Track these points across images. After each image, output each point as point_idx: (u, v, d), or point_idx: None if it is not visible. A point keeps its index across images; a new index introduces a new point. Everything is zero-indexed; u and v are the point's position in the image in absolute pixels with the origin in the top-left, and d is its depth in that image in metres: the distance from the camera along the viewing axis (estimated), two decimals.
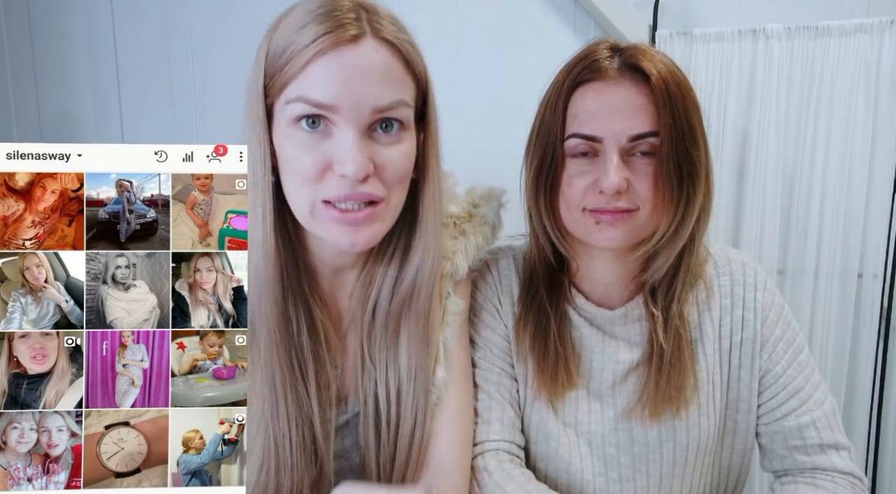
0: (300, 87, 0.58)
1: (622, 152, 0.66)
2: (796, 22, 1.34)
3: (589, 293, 0.77)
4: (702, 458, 0.75)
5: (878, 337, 1.41)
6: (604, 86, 0.67)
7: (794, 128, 1.38)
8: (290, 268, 0.66)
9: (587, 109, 0.68)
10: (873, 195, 1.37)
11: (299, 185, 0.61)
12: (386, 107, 0.59)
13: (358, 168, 0.57)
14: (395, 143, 0.61)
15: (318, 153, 0.59)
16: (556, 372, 0.74)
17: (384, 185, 0.61)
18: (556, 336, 0.74)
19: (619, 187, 0.65)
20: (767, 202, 1.39)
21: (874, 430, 1.42)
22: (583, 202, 0.68)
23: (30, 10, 1.59)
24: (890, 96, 1.33)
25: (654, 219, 0.68)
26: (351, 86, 0.57)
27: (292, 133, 0.59)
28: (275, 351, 0.65)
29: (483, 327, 0.78)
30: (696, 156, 0.67)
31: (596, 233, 0.68)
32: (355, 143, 0.58)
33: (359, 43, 0.58)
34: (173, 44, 1.58)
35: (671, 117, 0.65)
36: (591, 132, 0.67)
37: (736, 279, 0.75)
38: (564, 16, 1.48)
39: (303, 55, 0.57)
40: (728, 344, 0.74)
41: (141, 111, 1.61)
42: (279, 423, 0.65)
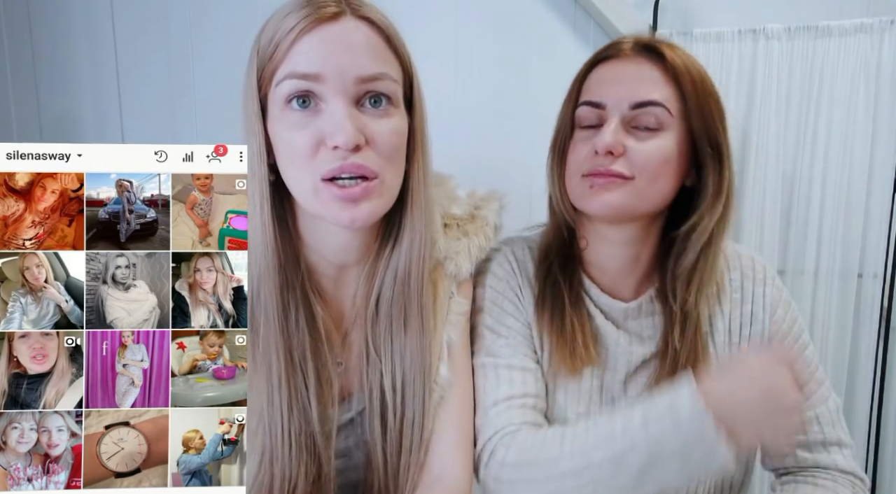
0: (287, 67, 0.60)
1: (624, 120, 0.68)
2: (796, 22, 1.34)
3: (599, 280, 0.77)
4: None
5: (878, 337, 1.41)
6: (618, 62, 0.71)
7: (794, 128, 1.38)
8: (290, 265, 0.67)
9: (598, 79, 0.72)
10: (873, 195, 1.37)
11: (297, 167, 0.62)
12: (370, 77, 0.60)
13: (348, 137, 0.58)
14: (384, 117, 0.62)
15: (310, 130, 0.60)
16: (574, 344, 0.74)
17: (377, 158, 0.62)
18: (571, 315, 0.74)
19: (611, 146, 0.66)
20: (767, 202, 1.39)
21: (874, 430, 1.42)
22: (582, 168, 0.70)
23: (30, 10, 1.59)
24: (890, 96, 1.33)
25: (651, 193, 0.69)
26: (335, 56, 0.59)
27: (285, 116, 0.61)
28: (273, 345, 0.65)
29: (506, 316, 0.77)
30: (718, 138, 0.70)
31: (588, 197, 0.70)
32: (344, 113, 0.59)
33: (339, 19, 0.60)
34: (173, 44, 1.58)
35: (693, 89, 0.68)
36: (597, 98, 0.70)
37: (746, 274, 0.76)
38: (564, 16, 1.48)
39: (287, 38, 0.60)
40: (738, 338, 0.75)
41: (141, 111, 1.61)
42: (274, 413, 0.66)
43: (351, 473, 0.74)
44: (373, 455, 0.71)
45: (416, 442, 0.70)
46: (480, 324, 0.78)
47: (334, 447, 0.70)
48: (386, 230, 0.70)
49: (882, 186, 1.36)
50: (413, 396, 0.70)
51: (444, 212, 0.75)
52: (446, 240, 0.74)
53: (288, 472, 0.67)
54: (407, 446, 0.70)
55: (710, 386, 0.60)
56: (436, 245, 0.72)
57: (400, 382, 0.70)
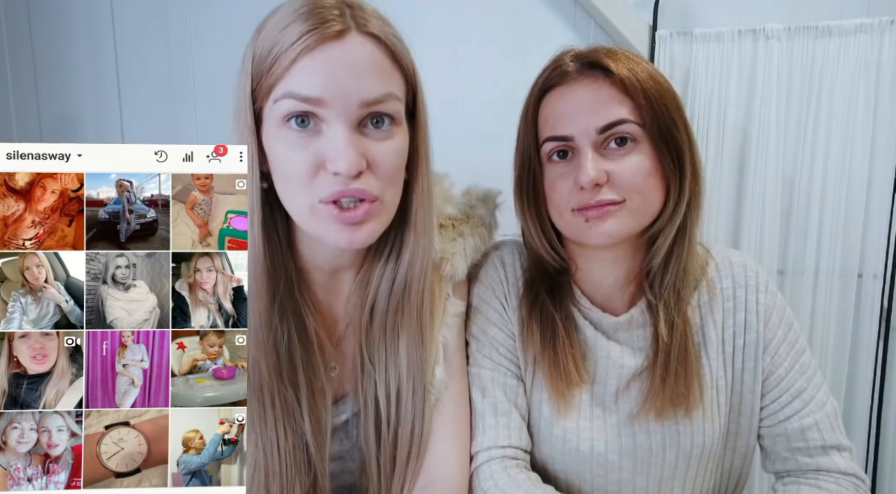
0: (287, 85, 0.57)
1: (595, 146, 0.67)
2: (796, 22, 1.34)
3: (591, 295, 0.77)
4: (704, 463, 0.75)
5: (878, 337, 1.41)
6: (566, 88, 0.69)
7: (794, 128, 1.38)
8: (280, 276, 0.65)
9: (554, 112, 0.69)
10: (873, 195, 1.37)
11: (294, 188, 0.60)
12: (374, 100, 0.58)
13: (350, 164, 0.56)
14: (387, 139, 0.60)
15: (309, 152, 0.58)
16: (568, 372, 0.73)
17: (378, 182, 0.60)
18: (564, 337, 0.74)
19: (596, 179, 0.65)
20: (767, 202, 1.39)
21: (874, 430, 1.42)
22: (569, 203, 0.69)
23: (30, 10, 1.59)
24: (890, 96, 1.33)
25: (645, 208, 0.68)
26: (338, 81, 0.57)
27: (283, 134, 0.59)
28: (262, 360, 0.64)
29: (489, 325, 0.77)
30: (677, 137, 0.68)
31: (587, 232, 0.68)
32: (346, 139, 0.57)
33: (344, 38, 0.57)
34: (173, 44, 1.58)
35: (645, 98, 0.66)
36: (562, 132, 0.68)
37: (738, 281, 0.75)
38: (564, 16, 1.48)
39: (288, 54, 0.57)
40: (731, 348, 0.74)
41: (141, 111, 1.61)
42: (267, 431, 0.65)
43: (346, 476, 0.74)
44: (367, 462, 0.71)
45: (414, 454, 0.69)
46: (467, 330, 0.78)
47: (328, 451, 0.70)
48: (383, 238, 0.68)
49: (882, 186, 1.37)
50: (408, 408, 0.69)
51: (439, 212, 0.74)
52: (442, 240, 0.74)
53: (286, 488, 0.66)
54: (403, 457, 0.69)
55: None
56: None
57: (395, 392, 0.69)
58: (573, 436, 0.74)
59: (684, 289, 0.73)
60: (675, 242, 0.71)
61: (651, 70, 0.69)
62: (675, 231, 0.70)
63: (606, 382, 0.75)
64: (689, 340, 0.72)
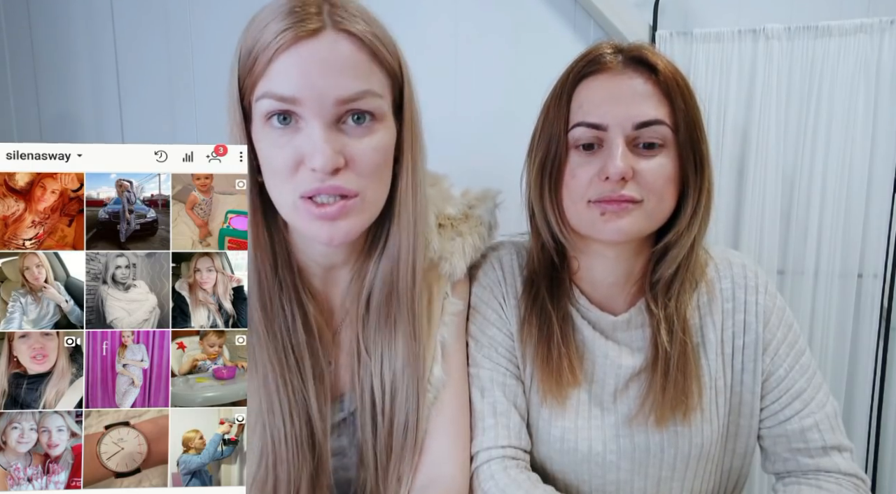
0: (266, 84, 0.58)
1: (627, 141, 0.66)
2: (796, 22, 1.34)
3: (590, 294, 0.77)
4: (703, 464, 0.75)
5: (878, 337, 1.41)
6: (608, 78, 0.68)
7: (794, 128, 1.38)
8: (280, 266, 0.67)
9: (592, 99, 0.68)
10: (873, 195, 1.37)
11: (278, 183, 0.61)
12: (350, 97, 0.59)
13: (326, 160, 0.57)
14: (366, 135, 0.61)
15: (289, 149, 0.59)
16: (560, 371, 0.73)
17: (358, 178, 0.60)
18: (559, 335, 0.73)
19: (624, 172, 0.65)
20: (767, 202, 1.39)
21: (874, 430, 1.42)
22: (587, 194, 0.68)
23: (30, 10, 1.59)
24: (890, 96, 1.33)
25: (659, 212, 0.68)
26: (312, 79, 0.57)
27: (266, 132, 0.60)
28: (264, 348, 0.65)
29: (488, 325, 0.77)
30: (703, 150, 0.68)
31: (601, 226, 0.67)
32: (322, 136, 0.58)
33: (318, 36, 0.58)
34: (173, 44, 1.58)
35: (683, 104, 0.66)
36: (597, 120, 0.67)
37: (737, 282, 0.75)
38: (564, 16, 1.48)
39: (266, 53, 0.58)
40: (731, 349, 0.74)
41: (141, 111, 1.61)
42: (275, 419, 0.66)
43: (345, 471, 0.74)
44: (364, 454, 0.71)
45: (409, 446, 0.70)
46: (467, 331, 0.78)
47: (331, 444, 0.71)
48: (375, 233, 0.69)
49: (882, 186, 1.36)
50: (404, 400, 0.69)
51: (438, 212, 0.75)
52: (441, 240, 0.74)
53: (293, 474, 0.67)
54: (398, 449, 0.70)
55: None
56: (430, 245, 0.72)
57: (390, 385, 0.70)
58: (571, 436, 0.74)
59: (685, 294, 0.73)
60: (688, 254, 0.71)
61: (686, 79, 0.69)
62: (692, 242, 0.70)
63: (605, 382, 0.75)
64: (689, 346, 0.72)
